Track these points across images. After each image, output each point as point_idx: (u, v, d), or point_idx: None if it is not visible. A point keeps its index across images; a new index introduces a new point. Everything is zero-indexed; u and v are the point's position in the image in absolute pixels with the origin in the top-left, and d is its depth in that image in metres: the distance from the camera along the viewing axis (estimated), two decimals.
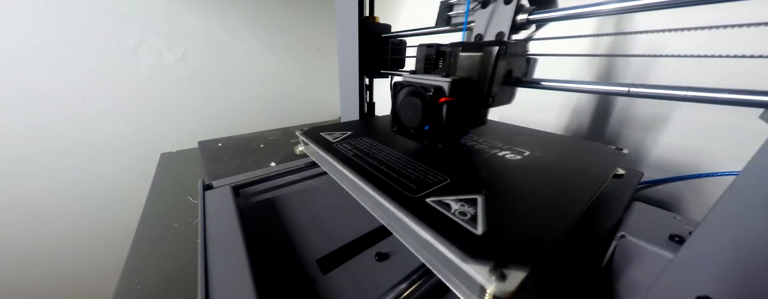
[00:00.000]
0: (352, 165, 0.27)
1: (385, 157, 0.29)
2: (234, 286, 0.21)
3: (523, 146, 0.33)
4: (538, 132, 0.41)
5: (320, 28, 1.13)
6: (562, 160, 0.30)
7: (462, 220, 0.18)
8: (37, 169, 0.76)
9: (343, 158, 0.29)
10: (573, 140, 0.38)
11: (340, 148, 0.32)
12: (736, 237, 0.16)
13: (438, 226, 0.18)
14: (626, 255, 0.24)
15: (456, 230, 0.17)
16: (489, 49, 0.26)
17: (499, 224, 0.18)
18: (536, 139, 0.37)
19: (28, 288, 0.82)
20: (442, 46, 0.32)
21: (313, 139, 0.35)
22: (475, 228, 0.17)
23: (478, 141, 0.35)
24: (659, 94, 0.20)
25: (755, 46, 0.37)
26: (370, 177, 0.25)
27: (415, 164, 0.27)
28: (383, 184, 0.23)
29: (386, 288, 0.23)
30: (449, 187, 0.23)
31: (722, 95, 0.17)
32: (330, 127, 0.39)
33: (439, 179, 0.24)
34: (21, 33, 0.66)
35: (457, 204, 0.20)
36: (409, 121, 0.31)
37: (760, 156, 0.15)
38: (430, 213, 0.19)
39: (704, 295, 0.17)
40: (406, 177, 0.24)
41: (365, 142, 0.34)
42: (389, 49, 0.48)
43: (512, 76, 0.28)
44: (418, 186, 0.23)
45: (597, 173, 0.27)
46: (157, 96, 0.87)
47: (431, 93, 0.27)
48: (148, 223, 0.41)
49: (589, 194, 0.22)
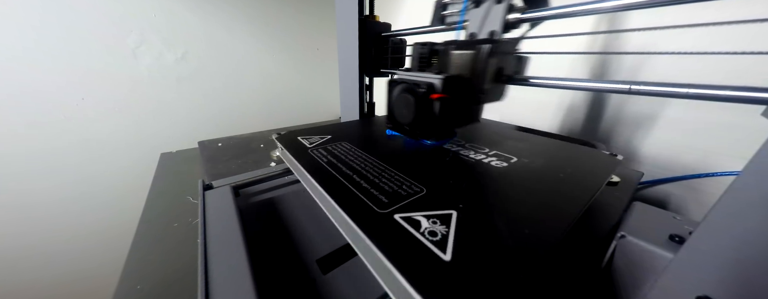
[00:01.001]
0: (322, 175, 0.26)
1: (360, 165, 0.28)
2: (234, 286, 0.21)
3: (510, 151, 0.32)
4: (531, 135, 0.40)
5: (320, 28, 1.13)
6: (551, 168, 0.28)
7: (430, 242, 0.16)
8: (37, 169, 0.76)
9: (314, 166, 0.28)
10: (565, 145, 0.36)
11: (315, 154, 0.30)
12: (736, 237, 0.16)
13: (400, 251, 0.16)
14: (626, 255, 0.24)
15: (421, 255, 0.15)
16: (479, 47, 0.26)
17: (471, 247, 0.16)
18: (526, 143, 0.35)
19: (28, 287, 0.82)
20: (436, 45, 0.33)
21: (288, 143, 0.34)
22: (444, 253, 0.16)
23: (464, 145, 0.34)
24: (660, 92, 0.20)
25: (751, 44, 0.37)
26: (338, 189, 0.23)
27: (392, 173, 0.26)
28: (351, 197, 0.22)
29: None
30: (423, 200, 0.21)
31: (724, 92, 0.17)
32: (310, 131, 0.38)
33: (414, 190, 0.23)
34: (20, 32, 0.66)
35: (428, 221, 0.18)
36: (403, 117, 0.31)
37: (760, 156, 0.15)
38: (395, 233, 0.17)
39: (704, 295, 0.17)
40: (378, 189, 0.23)
41: (343, 147, 0.32)
42: (389, 48, 0.48)
43: (503, 73, 0.29)
44: (390, 199, 0.21)
45: (588, 183, 0.25)
46: (157, 96, 0.87)
47: (424, 89, 0.27)
48: (148, 223, 0.41)
49: (578, 208, 0.21)
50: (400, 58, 0.49)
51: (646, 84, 0.20)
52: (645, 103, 0.50)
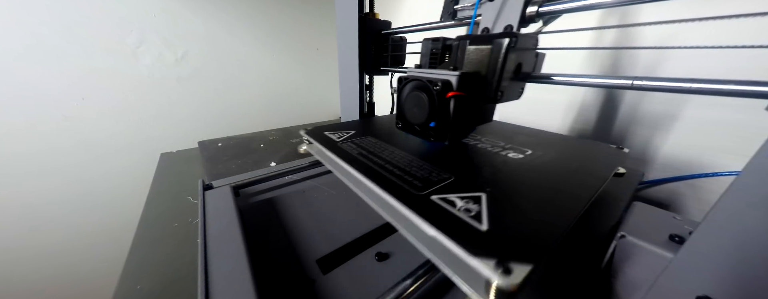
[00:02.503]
0: (358, 165, 0.27)
1: (389, 156, 0.29)
2: (234, 286, 0.21)
3: (525, 145, 0.34)
4: (540, 131, 0.41)
5: (320, 28, 1.13)
6: (564, 159, 0.30)
7: (467, 217, 0.19)
8: (37, 169, 0.76)
9: (349, 157, 0.29)
10: (574, 140, 0.38)
11: (345, 147, 0.32)
12: (736, 237, 0.16)
13: (444, 223, 0.18)
14: (626, 255, 0.24)
15: (461, 227, 0.18)
16: (499, 41, 0.25)
17: (503, 221, 0.18)
18: (538, 139, 0.37)
19: (28, 288, 0.83)
20: (449, 40, 0.31)
21: (318, 138, 0.35)
22: (480, 225, 0.18)
23: (481, 140, 0.35)
24: (663, 87, 0.20)
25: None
26: (376, 176, 0.25)
27: (420, 163, 0.27)
28: (389, 183, 0.23)
29: (386, 288, 0.23)
30: (453, 185, 0.23)
31: (728, 87, 0.17)
32: (333, 127, 0.39)
33: (443, 177, 0.24)
34: (21, 33, 0.66)
35: (462, 201, 0.20)
36: (415, 117, 0.30)
37: (760, 156, 0.15)
38: (435, 210, 0.19)
39: (704, 295, 0.17)
40: (411, 176, 0.25)
41: (369, 141, 0.34)
42: (389, 46, 0.48)
43: (521, 70, 0.27)
44: (423, 184, 0.23)
45: (598, 172, 0.27)
46: (157, 96, 0.87)
47: (439, 87, 0.26)
48: (148, 223, 0.41)
49: (591, 192, 0.22)
50: (401, 55, 0.49)
51: (649, 79, 0.20)
52: (656, 103, 0.49)
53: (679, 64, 0.45)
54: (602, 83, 0.23)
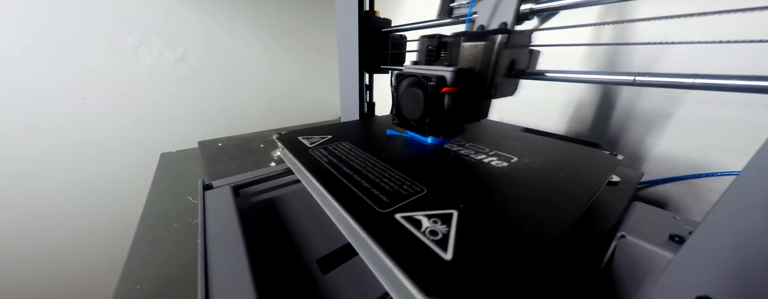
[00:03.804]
0: (322, 175, 0.26)
1: (361, 165, 0.27)
2: (234, 286, 0.21)
3: (511, 151, 0.32)
4: (530, 135, 0.40)
5: (320, 28, 1.13)
6: (551, 168, 0.28)
7: (431, 241, 0.16)
8: (37, 169, 0.76)
9: (315, 166, 0.27)
10: (565, 144, 0.36)
11: (315, 154, 0.30)
12: (736, 237, 0.16)
13: (401, 250, 0.16)
14: (626, 255, 0.24)
15: (422, 254, 0.15)
16: (492, 37, 0.25)
17: (472, 246, 0.16)
18: (526, 143, 0.35)
19: (28, 288, 0.82)
20: (444, 37, 0.31)
21: (289, 143, 0.34)
22: (445, 253, 0.16)
23: (465, 145, 0.34)
24: (666, 83, 0.19)
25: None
26: (338, 189, 0.23)
27: (393, 173, 0.26)
28: (351, 197, 0.22)
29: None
30: (424, 200, 0.21)
31: (731, 82, 0.17)
32: (311, 131, 0.38)
33: (415, 190, 0.23)
34: (20, 32, 0.66)
35: (429, 221, 0.18)
36: (411, 112, 0.30)
37: (760, 156, 0.15)
38: (396, 232, 0.17)
39: (704, 295, 0.17)
40: (379, 189, 0.23)
41: (344, 147, 0.32)
42: (389, 44, 0.48)
43: (515, 67, 0.27)
44: (390, 198, 0.21)
45: (588, 182, 0.25)
46: (157, 96, 0.87)
47: (434, 83, 0.26)
48: (148, 223, 0.41)
49: (578, 207, 0.21)
50: (401, 54, 0.49)
51: (651, 75, 0.20)
52: (653, 101, 0.49)
53: (677, 62, 0.45)
54: (604, 79, 0.23)
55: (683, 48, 0.44)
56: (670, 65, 0.46)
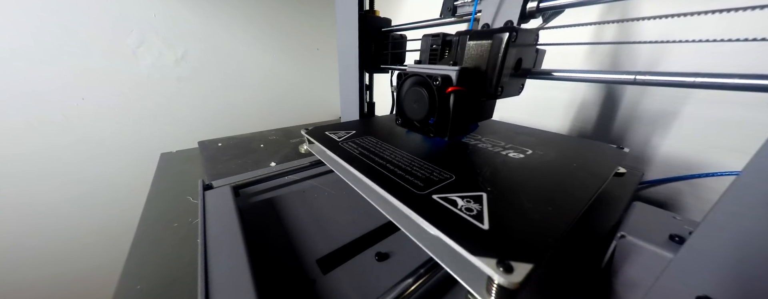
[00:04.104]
0: (360, 164, 0.27)
1: (390, 156, 0.29)
2: (234, 286, 0.21)
3: (525, 145, 0.34)
4: (540, 131, 0.41)
5: (320, 28, 1.13)
6: (564, 159, 0.30)
7: (469, 216, 0.19)
8: (37, 169, 0.76)
9: (350, 157, 0.29)
10: (574, 139, 0.38)
11: (346, 147, 0.32)
12: (736, 237, 0.16)
13: (445, 222, 0.18)
14: (626, 255, 0.24)
15: (463, 226, 0.18)
16: (499, 36, 0.24)
17: (504, 220, 0.18)
18: (538, 138, 0.37)
19: (28, 287, 0.82)
20: (448, 36, 0.31)
21: (319, 138, 0.35)
22: (482, 224, 0.18)
23: (481, 140, 0.35)
24: (666, 81, 0.19)
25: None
26: (378, 176, 0.25)
27: (421, 162, 0.27)
28: (390, 182, 0.23)
29: (386, 288, 0.23)
30: (455, 185, 0.23)
31: (733, 80, 0.16)
32: (333, 127, 0.40)
33: (444, 177, 0.24)
34: (20, 33, 0.66)
35: (463, 200, 0.21)
36: (414, 113, 0.30)
37: (760, 156, 0.15)
38: (437, 209, 0.20)
39: (704, 295, 0.17)
40: (412, 175, 0.25)
41: (370, 140, 0.34)
42: (389, 44, 0.48)
43: (521, 66, 0.27)
44: (424, 183, 0.23)
45: (598, 171, 0.27)
46: (157, 96, 0.87)
47: (438, 82, 0.26)
48: (148, 223, 0.41)
49: (591, 192, 0.23)
50: (401, 53, 0.49)
51: (652, 74, 0.20)
52: (657, 101, 0.48)
53: (682, 62, 0.45)
54: (604, 78, 0.23)
55: (688, 48, 0.43)
56: (674, 65, 0.45)
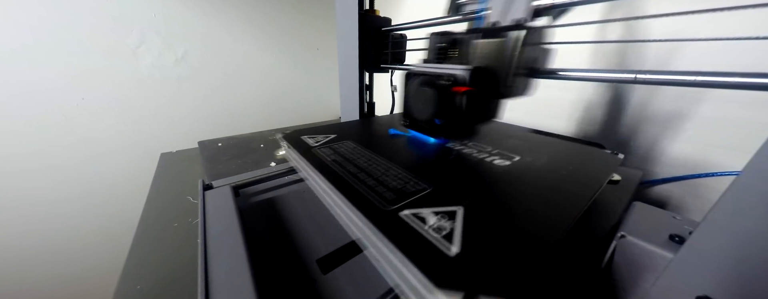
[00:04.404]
0: (327, 173, 0.26)
1: (365, 163, 0.28)
2: (234, 286, 0.21)
3: (513, 150, 0.32)
4: (533, 134, 0.40)
5: (320, 28, 1.13)
6: (553, 166, 0.28)
7: (436, 238, 0.17)
8: (37, 169, 0.76)
9: (319, 164, 0.28)
10: (567, 144, 0.36)
11: (319, 153, 0.30)
12: (736, 237, 0.16)
13: (407, 245, 0.16)
14: (626, 255, 0.24)
15: (428, 250, 0.16)
16: (510, 34, 0.24)
17: (476, 242, 0.16)
18: (528, 143, 0.35)
19: (28, 287, 0.82)
20: (457, 34, 0.30)
21: (293, 142, 0.34)
22: (450, 248, 0.16)
23: (467, 145, 0.34)
24: (667, 80, 0.19)
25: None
26: (343, 187, 0.23)
27: (397, 171, 0.26)
28: (356, 195, 0.22)
29: (386, 288, 0.23)
30: (429, 197, 0.21)
31: (735, 79, 0.16)
32: (315, 130, 0.38)
33: (419, 188, 0.23)
34: (20, 33, 0.66)
35: (435, 217, 0.19)
36: (421, 113, 0.29)
37: (760, 156, 0.15)
38: (402, 229, 0.18)
39: (704, 295, 0.17)
40: (384, 186, 0.23)
41: (348, 146, 0.32)
42: (389, 43, 0.48)
43: (531, 65, 0.26)
44: (396, 196, 0.22)
45: (589, 181, 0.26)
46: (157, 96, 0.87)
47: (446, 82, 0.25)
48: (148, 223, 0.41)
49: (580, 205, 0.21)
50: (401, 53, 0.49)
51: (652, 73, 0.20)
52: (665, 102, 0.48)
53: (691, 62, 0.44)
54: (605, 77, 0.23)
55: (698, 48, 0.43)
56: (683, 65, 0.45)
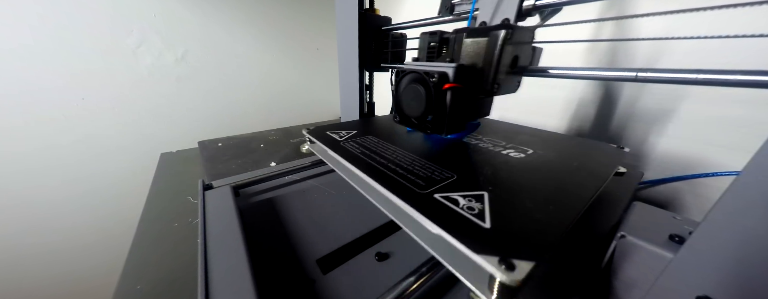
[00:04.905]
0: (361, 163, 0.27)
1: (391, 155, 0.29)
2: (234, 286, 0.21)
3: (525, 144, 0.34)
4: (540, 131, 0.41)
5: (320, 28, 1.13)
6: (564, 158, 0.30)
7: (470, 215, 0.19)
8: (37, 169, 0.76)
9: (352, 156, 0.29)
10: (574, 139, 0.38)
11: (348, 147, 0.32)
12: (736, 236, 0.16)
13: (447, 221, 0.18)
14: (626, 255, 0.24)
15: (465, 224, 0.18)
16: (495, 33, 0.25)
17: (505, 218, 0.18)
18: (538, 138, 0.37)
19: (28, 287, 0.83)
20: (446, 33, 0.31)
21: (321, 137, 0.35)
22: (484, 223, 0.18)
23: (482, 139, 0.36)
24: (668, 78, 0.19)
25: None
26: (379, 175, 0.25)
27: (422, 162, 0.28)
28: (392, 181, 0.24)
29: (386, 288, 0.23)
30: (456, 184, 0.23)
31: (735, 77, 0.16)
32: (334, 126, 0.40)
33: (445, 176, 0.24)
34: (20, 33, 0.66)
35: (465, 199, 0.21)
36: (412, 110, 0.30)
37: (760, 155, 0.15)
38: (439, 208, 0.20)
39: (704, 295, 0.17)
40: (414, 174, 0.25)
41: (371, 140, 0.34)
42: (389, 42, 0.48)
43: (518, 63, 0.27)
44: (426, 182, 0.23)
45: (599, 171, 0.27)
46: (157, 96, 0.87)
47: (435, 79, 0.26)
48: (148, 223, 0.41)
49: (592, 191, 0.23)
50: (401, 52, 0.49)
51: (653, 71, 0.20)
52: (656, 100, 0.48)
53: (681, 60, 0.44)
54: (606, 75, 0.23)
55: (688, 46, 0.43)
56: (673, 63, 0.45)
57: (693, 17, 0.18)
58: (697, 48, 0.43)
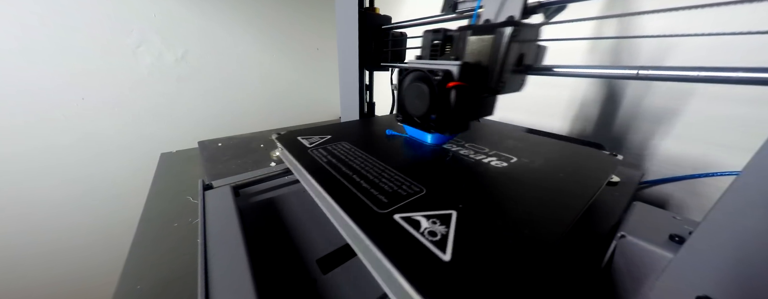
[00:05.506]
0: (321, 175, 0.25)
1: (360, 165, 0.27)
2: (234, 286, 0.21)
3: (510, 151, 0.32)
4: (530, 135, 0.40)
5: (320, 28, 1.13)
6: (551, 168, 0.28)
7: (430, 242, 0.16)
8: (37, 168, 0.76)
9: (313, 166, 0.27)
10: (565, 144, 0.36)
11: (314, 154, 0.30)
12: (736, 236, 0.16)
13: (400, 250, 0.16)
14: (626, 255, 0.24)
15: (421, 255, 0.15)
16: (501, 30, 0.24)
17: (470, 247, 0.16)
18: (526, 143, 0.35)
19: (28, 287, 0.83)
20: (450, 31, 0.31)
21: (288, 143, 0.34)
22: (443, 253, 0.16)
23: (464, 145, 0.34)
24: (670, 76, 0.19)
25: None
26: (338, 189, 0.23)
27: (392, 173, 0.26)
28: (350, 197, 0.22)
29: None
30: (423, 200, 0.21)
31: (738, 74, 0.16)
32: (311, 131, 0.38)
33: (414, 190, 0.23)
34: (21, 32, 0.66)
35: (428, 221, 0.18)
36: (415, 109, 0.29)
37: (760, 155, 0.15)
38: (395, 233, 0.17)
39: (704, 295, 0.17)
40: (378, 189, 0.23)
41: (343, 147, 0.32)
42: (389, 41, 0.47)
43: (523, 61, 0.27)
44: (389, 198, 0.21)
45: (587, 183, 0.25)
46: (156, 96, 0.87)
47: (439, 77, 0.25)
48: (148, 223, 0.41)
49: (578, 208, 0.21)
50: (401, 51, 0.48)
51: (654, 68, 0.20)
52: (660, 99, 0.48)
53: (685, 58, 0.44)
54: (607, 73, 0.23)
55: (692, 44, 0.43)
56: (677, 62, 0.45)
57: (697, 14, 0.18)
58: (703, 46, 0.42)
